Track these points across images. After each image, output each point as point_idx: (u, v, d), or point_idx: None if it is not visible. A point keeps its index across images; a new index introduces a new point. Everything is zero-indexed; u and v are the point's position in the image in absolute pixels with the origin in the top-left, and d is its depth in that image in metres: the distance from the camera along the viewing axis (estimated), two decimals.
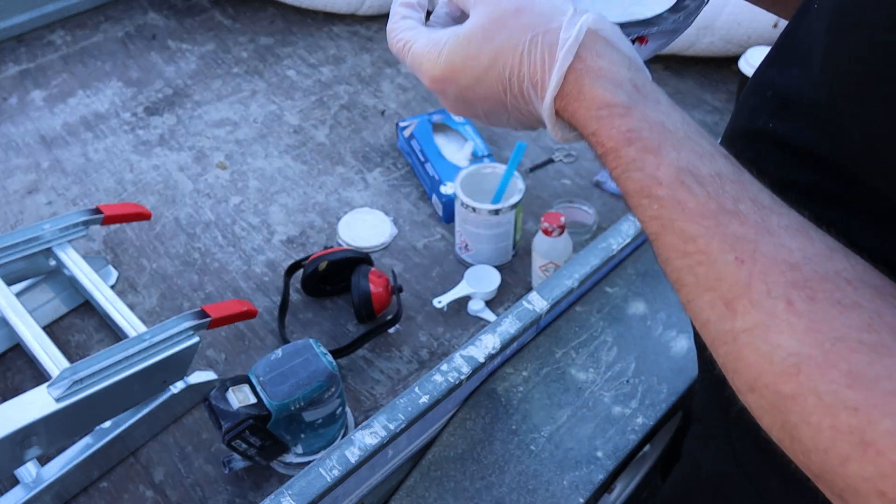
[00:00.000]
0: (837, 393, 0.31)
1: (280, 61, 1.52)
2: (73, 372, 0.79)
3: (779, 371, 0.32)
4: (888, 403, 0.30)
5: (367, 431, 0.82)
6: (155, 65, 1.51)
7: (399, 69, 1.50)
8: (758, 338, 0.32)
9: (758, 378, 0.33)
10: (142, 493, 0.88)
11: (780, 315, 0.32)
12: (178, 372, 0.90)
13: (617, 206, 1.21)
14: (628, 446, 0.90)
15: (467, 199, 1.04)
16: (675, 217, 0.36)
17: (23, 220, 1.20)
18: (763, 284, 0.32)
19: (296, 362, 0.82)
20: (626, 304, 1.04)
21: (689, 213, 0.35)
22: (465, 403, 0.93)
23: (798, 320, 0.31)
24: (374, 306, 1.01)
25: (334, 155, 1.32)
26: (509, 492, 0.86)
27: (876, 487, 0.30)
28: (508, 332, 0.93)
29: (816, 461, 0.32)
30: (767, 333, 0.32)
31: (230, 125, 1.38)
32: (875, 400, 0.30)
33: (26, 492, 0.82)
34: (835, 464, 0.31)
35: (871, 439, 0.30)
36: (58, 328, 1.05)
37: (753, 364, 0.33)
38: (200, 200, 1.23)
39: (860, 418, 0.30)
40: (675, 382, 0.96)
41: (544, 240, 1.03)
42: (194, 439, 0.93)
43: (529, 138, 1.34)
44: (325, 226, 1.19)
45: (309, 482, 0.78)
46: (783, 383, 0.32)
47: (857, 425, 0.30)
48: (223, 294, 1.09)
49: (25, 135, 1.35)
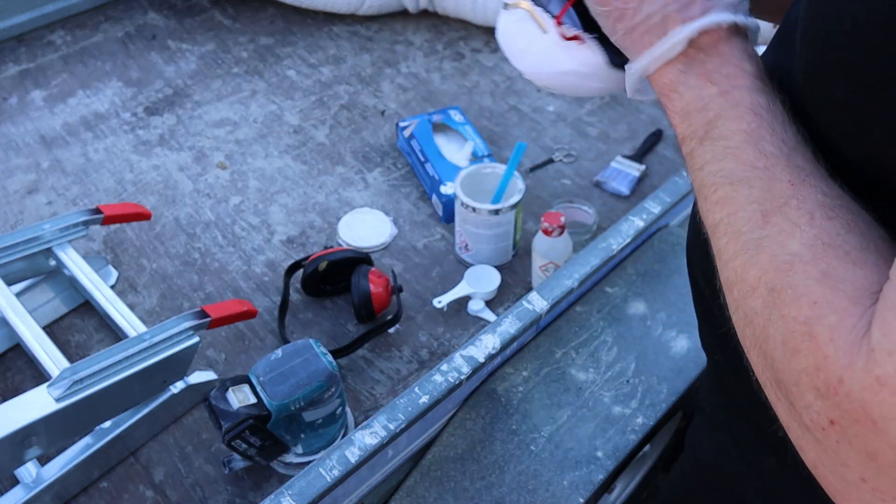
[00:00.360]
0: (808, 286, 0.34)
1: (280, 61, 1.52)
2: (73, 372, 0.79)
3: (776, 267, 0.36)
4: (840, 301, 0.33)
5: (367, 431, 0.82)
6: (155, 65, 1.51)
7: (399, 69, 1.50)
8: (774, 241, 0.37)
9: (761, 276, 0.36)
10: (142, 493, 0.88)
11: (800, 225, 0.36)
12: (178, 372, 0.90)
13: (617, 206, 1.22)
14: (628, 446, 0.90)
15: (467, 199, 1.04)
16: (764, 136, 0.40)
17: (23, 220, 1.20)
18: (797, 201, 0.37)
19: (296, 362, 0.82)
20: (626, 304, 1.04)
21: (773, 139, 0.40)
22: (465, 403, 0.93)
23: (810, 230, 0.36)
24: (374, 306, 1.01)
25: (334, 155, 1.32)
26: (509, 492, 0.86)
27: (812, 382, 0.33)
28: (508, 332, 0.93)
29: (778, 360, 0.35)
30: (784, 238, 0.36)
31: (230, 125, 1.38)
32: (831, 296, 0.33)
33: (26, 492, 0.82)
34: (788, 357, 0.34)
35: (816, 331, 0.33)
36: (58, 328, 1.05)
37: (762, 263, 0.37)
38: (200, 200, 1.23)
39: (815, 310, 0.33)
40: (675, 382, 0.96)
41: (544, 240, 1.03)
42: (194, 439, 0.93)
43: (529, 138, 1.34)
44: (325, 226, 1.19)
45: (309, 482, 0.78)
46: (776, 278, 0.36)
47: (809, 316, 0.33)
48: (223, 294, 1.09)
49: (25, 135, 1.35)
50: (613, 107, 1.42)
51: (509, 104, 1.42)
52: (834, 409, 0.32)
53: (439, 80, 1.48)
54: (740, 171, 0.40)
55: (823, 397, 0.32)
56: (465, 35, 1.59)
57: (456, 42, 1.57)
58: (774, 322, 0.35)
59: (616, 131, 1.36)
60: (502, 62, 1.52)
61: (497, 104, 1.42)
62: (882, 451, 0.30)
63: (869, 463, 0.31)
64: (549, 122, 1.38)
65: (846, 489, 0.33)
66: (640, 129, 1.36)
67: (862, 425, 0.31)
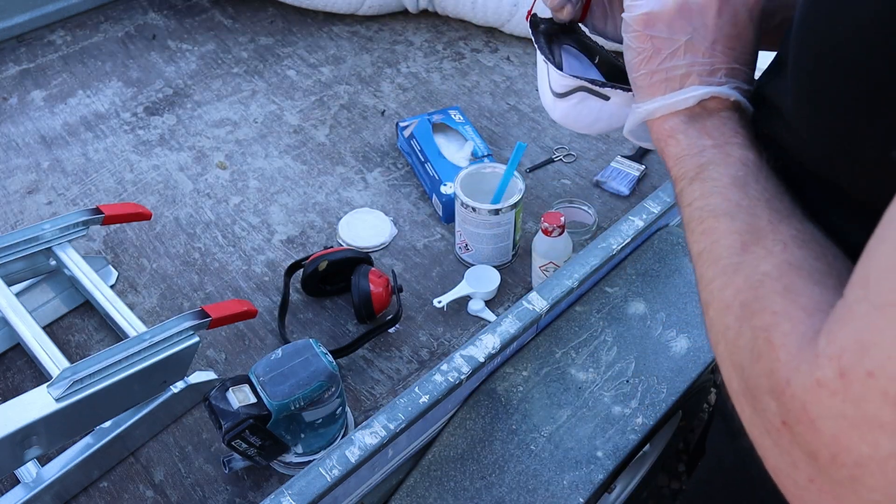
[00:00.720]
0: (771, 299, 0.37)
1: (280, 61, 1.52)
2: (73, 372, 0.79)
3: (749, 286, 0.39)
4: (796, 312, 0.36)
5: (367, 431, 0.82)
6: (155, 65, 1.51)
7: (399, 69, 1.50)
8: (749, 266, 0.40)
9: (735, 295, 0.40)
10: (142, 493, 0.88)
11: (773, 252, 0.40)
12: (178, 372, 0.90)
13: (617, 206, 1.22)
14: (628, 446, 0.90)
15: (467, 199, 1.04)
16: (749, 183, 0.45)
17: (23, 220, 1.20)
18: (773, 235, 0.41)
19: (296, 362, 0.82)
20: (626, 304, 1.04)
21: (757, 186, 0.44)
22: (465, 403, 0.93)
23: (782, 255, 0.39)
24: (374, 306, 1.01)
25: (334, 155, 1.32)
26: (509, 492, 0.86)
27: (768, 384, 0.35)
28: (508, 332, 0.93)
29: (746, 367, 0.37)
30: (758, 262, 0.40)
31: (230, 125, 1.38)
32: (790, 307, 0.36)
33: (26, 492, 0.82)
34: (753, 363, 0.36)
35: (773, 337, 0.36)
36: (58, 328, 1.05)
37: (737, 283, 0.40)
38: (200, 200, 1.23)
39: (773, 319, 0.36)
40: (675, 382, 0.96)
41: (544, 240, 1.03)
42: (194, 439, 0.93)
43: (529, 138, 1.34)
44: (325, 226, 1.19)
45: (309, 482, 0.78)
46: (747, 295, 0.39)
47: (769, 324, 0.36)
48: (223, 294, 1.09)
49: (25, 135, 1.35)
50: None
51: (509, 104, 1.42)
52: (784, 409, 0.34)
53: (439, 80, 1.48)
54: (725, 206, 0.44)
55: (776, 398, 0.34)
56: (465, 35, 1.59)
57: (456, 42, 1.58)
58: (744, 333, 0.38)
59: (616, 131, 1.36)
60: (502, 62, 1.53)
61: (497, 104, 1.42)
62: (820, 451, 0.32)
63: (812, 462, 0.33)
64: (549, 122, 1.38)
65: (798, 491, 0.34)
66: None
67: (804, 425, 0.32)
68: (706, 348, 1.00)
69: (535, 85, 1.46)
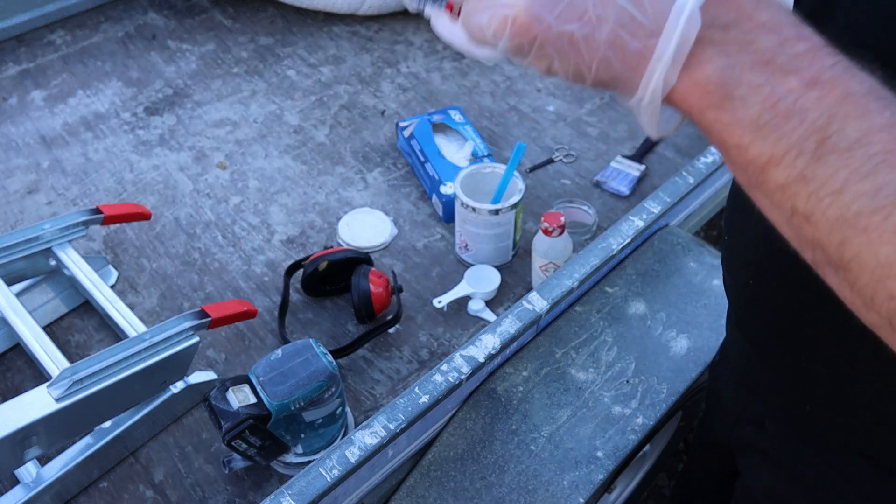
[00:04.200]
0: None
1: (280, 61, 1.52)
2: (73, 372, 0.79)
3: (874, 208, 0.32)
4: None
5: (367, 431, 0.82)
6: (155, 65, 1.51)
7: (399, 69, 1.50)
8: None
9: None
10: (142, 493, 0.88)
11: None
12: (178, 372, 0.90)
13: (617, 206, 1.22)
14: (628, 446, 0.90)
15: (467, 199, 1.04)
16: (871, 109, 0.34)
17: (23, 220, 1.20)
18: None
19: (296, 362, 0.82)
20: (626, 304, 1.04)
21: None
22: (465, 403, 0.94)
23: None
24: (374, 306, 1.01)
25: (334, 155, 1.32)
26: (509, 492, 0.86)
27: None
28: (508, 332, 0.93)
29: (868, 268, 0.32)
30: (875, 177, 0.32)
31: (230, 125, 1.38)
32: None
33: (26, 492, 0.82)
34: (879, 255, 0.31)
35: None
36: (58, 328, 1.05)
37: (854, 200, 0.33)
38: (200, 200, 1.23)
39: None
40: (675, 382, 0.96)
41: (544, 240, 1.03)
42: (194, 439, 0.93)
43: (529, 138, 1.34)
44: (325, 226, 1.19)
45: (309, 482, 0.78)
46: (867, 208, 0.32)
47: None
48: (223, 294, 1.09)
49: (25, 135, 1.35)
50: (613, 107, 1.42)
51: (509, 104, 1.42)
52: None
53: (439, 80, 1.48)
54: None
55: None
56: None
57: None
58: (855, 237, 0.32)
59: (616, 131, 1.36)
60: (502, 62, 1.52)
61: (497, 104, 1.42)
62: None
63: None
64: (549, 122, 1.38)
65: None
66: (640, 129, 1.36)
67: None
68: (706, 348, 1.00)
69: (535, 85, 1.46)
